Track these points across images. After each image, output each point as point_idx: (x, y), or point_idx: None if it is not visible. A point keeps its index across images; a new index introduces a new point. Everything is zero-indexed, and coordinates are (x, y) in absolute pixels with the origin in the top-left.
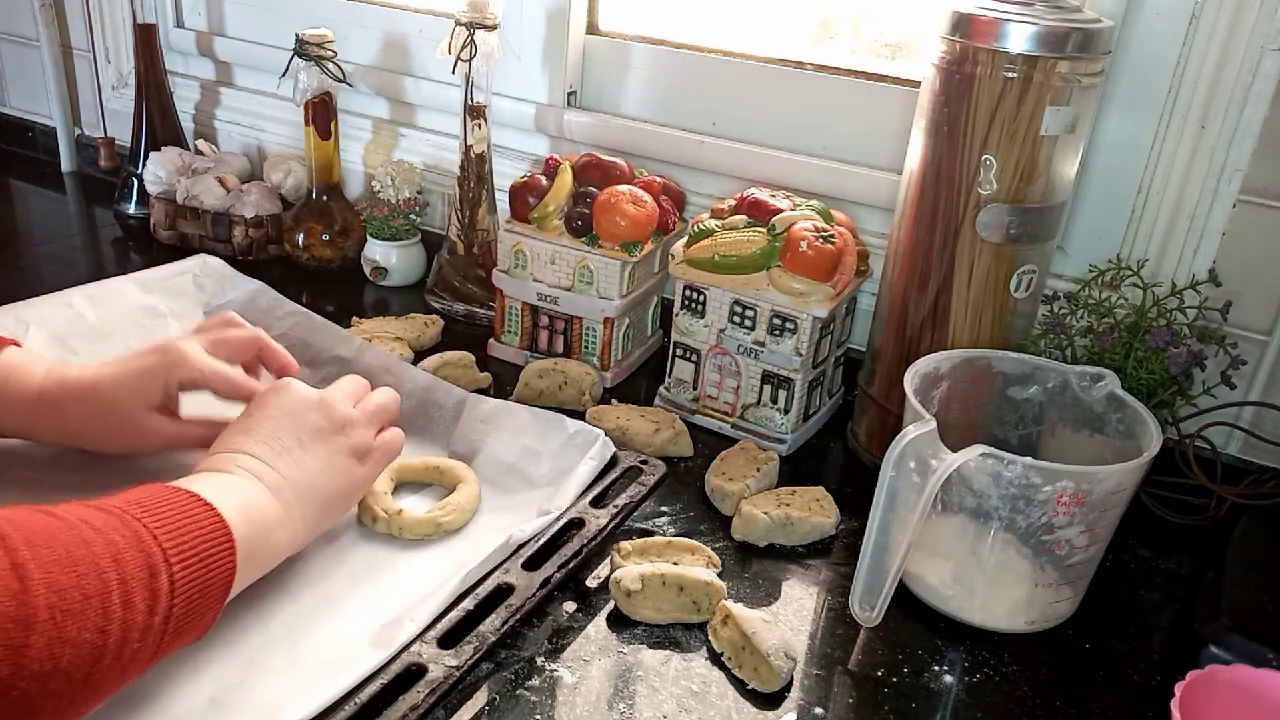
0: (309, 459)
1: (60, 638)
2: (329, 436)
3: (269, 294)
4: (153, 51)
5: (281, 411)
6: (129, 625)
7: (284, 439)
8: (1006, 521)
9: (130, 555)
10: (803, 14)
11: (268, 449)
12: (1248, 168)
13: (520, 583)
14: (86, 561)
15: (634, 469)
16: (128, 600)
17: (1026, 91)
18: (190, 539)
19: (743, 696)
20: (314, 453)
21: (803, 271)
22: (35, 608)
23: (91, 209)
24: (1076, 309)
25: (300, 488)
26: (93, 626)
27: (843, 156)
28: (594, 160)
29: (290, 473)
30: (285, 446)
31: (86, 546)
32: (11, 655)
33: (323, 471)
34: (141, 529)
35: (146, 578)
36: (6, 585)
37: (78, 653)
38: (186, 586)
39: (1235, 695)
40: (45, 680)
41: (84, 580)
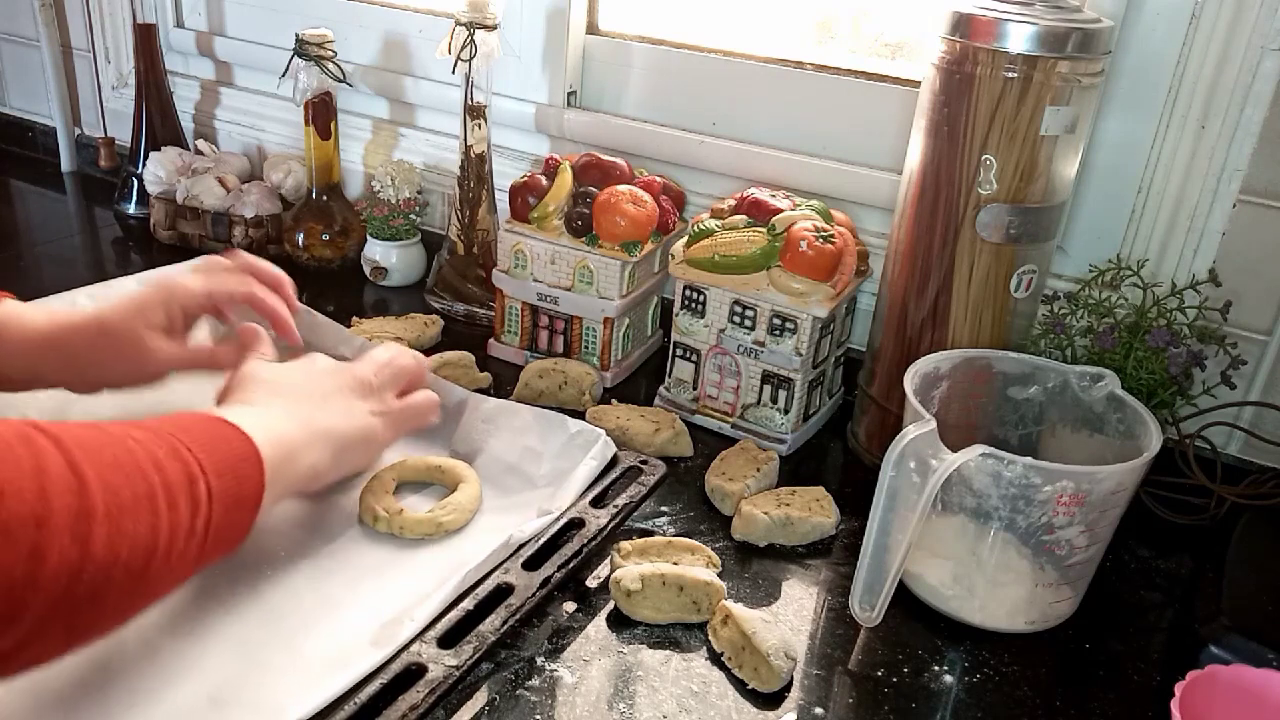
0: (328, 404)
1: (119, 531)
2: (346, 392)
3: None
4: (153, 51)
5: (300, 373)
6: (175, 526)
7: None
8: (1006, 521)
9: (170, 464)
10: (803, 14)
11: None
12: (1248, 168)
13: (520, 583)
14: (131, 466)
15: (634, 469)
16: (172, 503)
17: (1026, 91)
18: (221, 454)
19: (743, 696)
20: (333, 400)
21: (803, 271)
22: (93, 503)
23: (91, 209)
24: (1076, 309)
25: (319, 423)
26: (145, 524)
27: (843, 156)
28: (594, 160)
29: (310, 412)
30: (306, 394)
31: (131, 455)
32: (79, 544)
33: (341, 415)
34: (178, 443)
35: (187, 484)
36: (67, 481)
37: (134, 546)
38: (222, 496)
39: (1235, 695)
40: (109, 570)
41: (132, 481)
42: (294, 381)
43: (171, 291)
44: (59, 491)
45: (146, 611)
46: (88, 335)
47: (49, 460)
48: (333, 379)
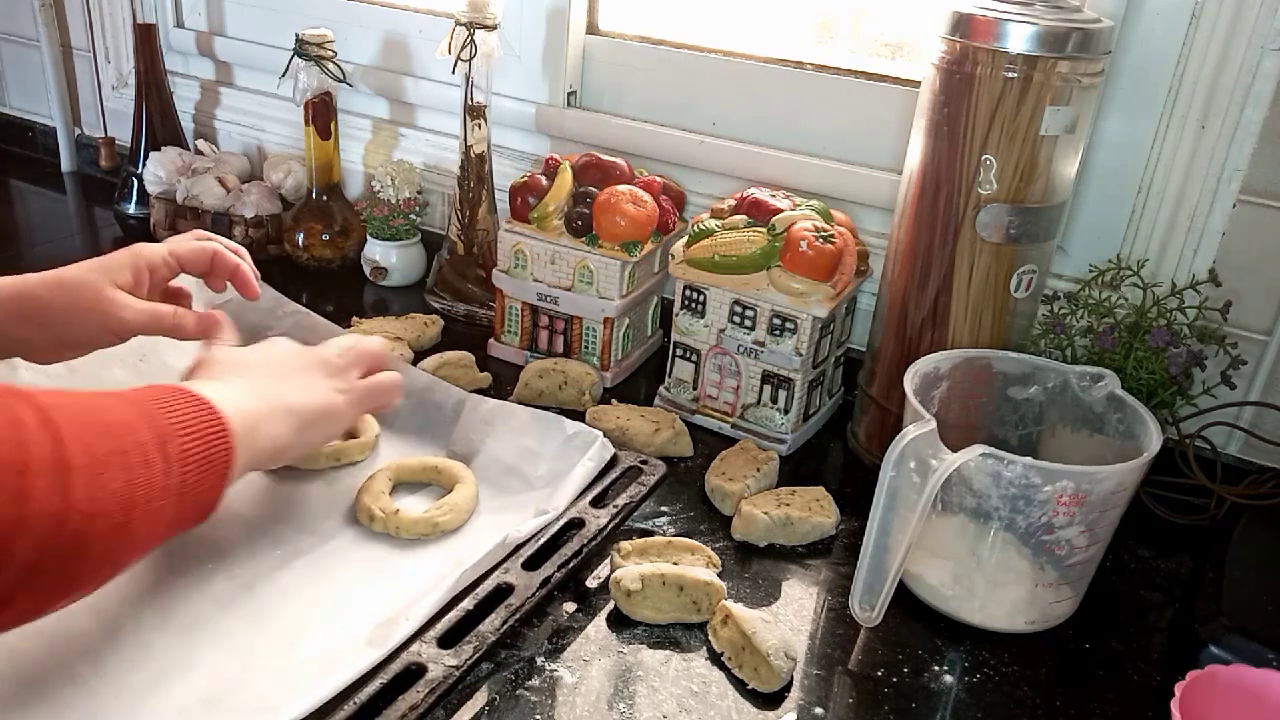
0: (289, 380)
1: (97, 483)
2: (309, 368)
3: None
4: (153, 51)
5: (261, 354)
6: (152, 481)
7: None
8: (1006, 521)
9: (141, 424)
10: (803, 14)
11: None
12: (1248, 168)
13: (520, 582)
14: (104, 425)
15: (634, 469)
16: (147, 459)
17: (1026, 91)
18: (190, 419)
19: (743, 696)
20: (294, 376)
21: (803, 271)
22: (70, 453)
23: (91, 209)
24: (1076, 309)
25: (280, 398)
26: (121, 479)
27: (843, 156)
28: (594, 160)
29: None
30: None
31: (103, 413)
32: (60, 493)
33: (301, 390)
34: (146, 406)
35: (158, 443)
36: (44, 432)
37: (114, 498)
38: (195, 457)
39: (1235, 695)
40: (91, 520)
41: (105, 438)
42: (254, 360)
43: (136, 251)
44: (37, 441)
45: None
46: (46, 289)
47: (24, 413)
48: (295, 358)
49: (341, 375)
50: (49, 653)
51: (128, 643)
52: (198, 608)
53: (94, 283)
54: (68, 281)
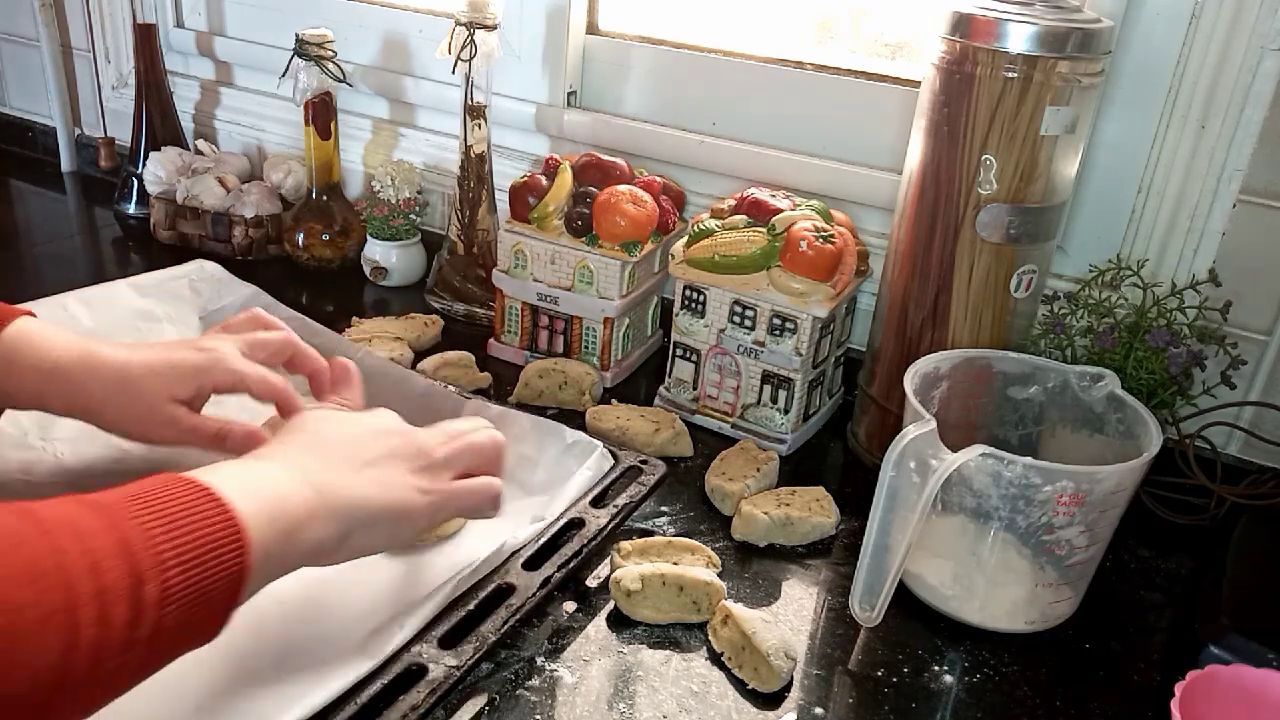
0: (368, 470)
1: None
2: (398, 459)
3: (265, 299)
4: (153, 51)
5: (358, 427)
6: (105, 641)
7: (349, 449)
8: (1006, 521)
9: (112, 564)
10: (803, 14)
11: (323, 450)
12: (1248, 168)
13: (520, 583)
14: (53, 574)
15: (634, 469)
16: (103, 615)
17: (1026, 91)
18: (190, 540)
19: (743, 696)
20: (373, 466)
21: (803, 271)
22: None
23: (91, 209)
24: (1076, 309)
25: (345, 491)
26: (54, 647)
27: (843, 156)
28: (594, 160)
29: (339, 474)
30: (346, 455)
31: (59, 555)
32: None
33: (377, 483)
34: (133, 530)
35: (129, 587)
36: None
37: (33, 677)
38: (182, 594)
39: (1235, 695)
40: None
41: (48, 595)
42: (337, 436)
43: (210, 369)
44: None
45: None
46: (108, 381)
47: None
48: (384, 441)
49: (433, 471)
50: None
51: None
52: None
53: (156, 397)
54: (132, 383)
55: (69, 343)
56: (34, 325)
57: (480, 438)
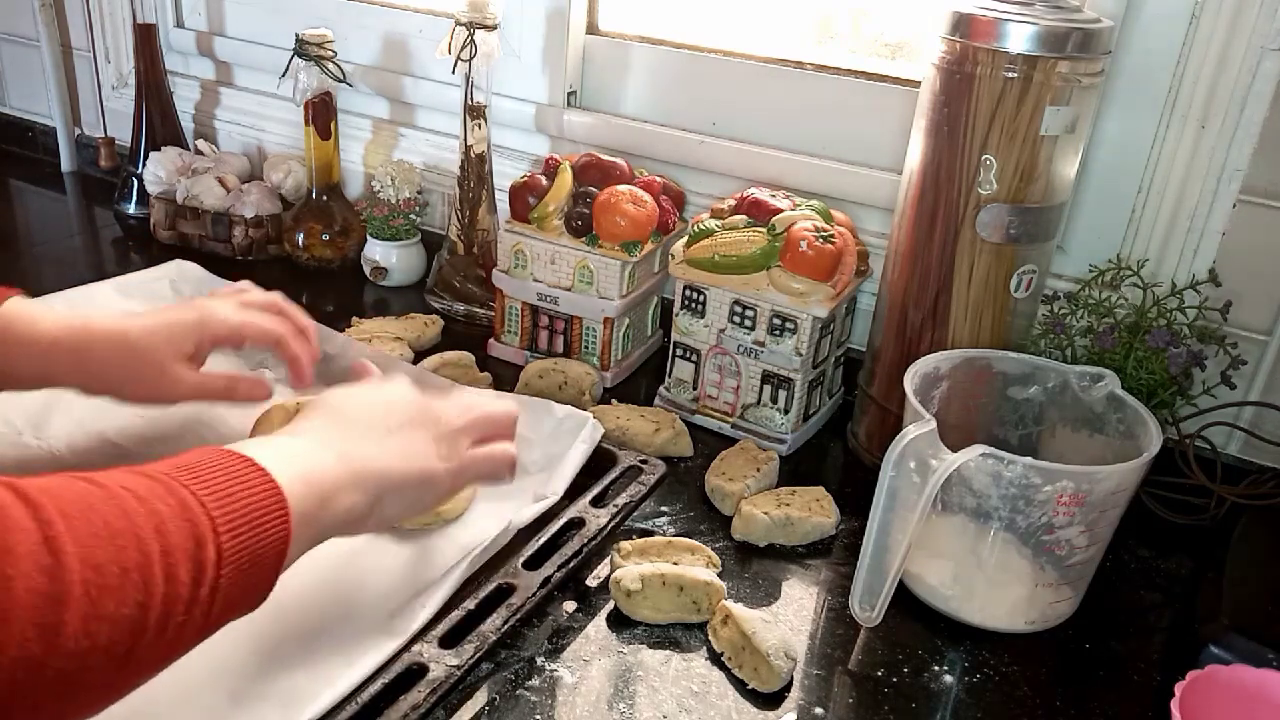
0: (389, 440)
1: (96, 614)
2: (416, 426)
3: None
4: (153, 51)
5: (375, 397)
6: (172, 599)
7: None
8: (1006, 521)
9: (175, 525)
10: (803, 14)
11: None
12: (1248, 168)
13: (520, 582)
14: (127, 533)
15: (634, 469)
16: (170, 573)
17: (1026, 91)
18: (240, 507)
19: (743, 696)
20: (396, 435)
21: (803, 271)
22: (70, 583)
23: (91, 209)
24: (1076, 309)
25: (371, 461)
26: (132, 601)
27: (843, 156)
28: (594, 160)
29: (363, 444)
30: (368, 425)
31: (128, 517)
32: (45, 633)
33: (400, 453)
34: (189, 496)
35: (192, 548)
36: (39, 561)
37: (116, 629)
38: (236, 556)
39: (1235, 695)
40: (82, 658)
41: (123, 553)
42: (357, 409)
43: (205, 321)
44: (26, 572)
45: None
46: (109, 347)
47: (16, 535)
48: (402, 410)
49: (452, 439)
50: None
51: None
52: None
53: (158, 356)
54: (131, 344)
55: (62, 317)
56: (25, 304)
57: (494, 407)
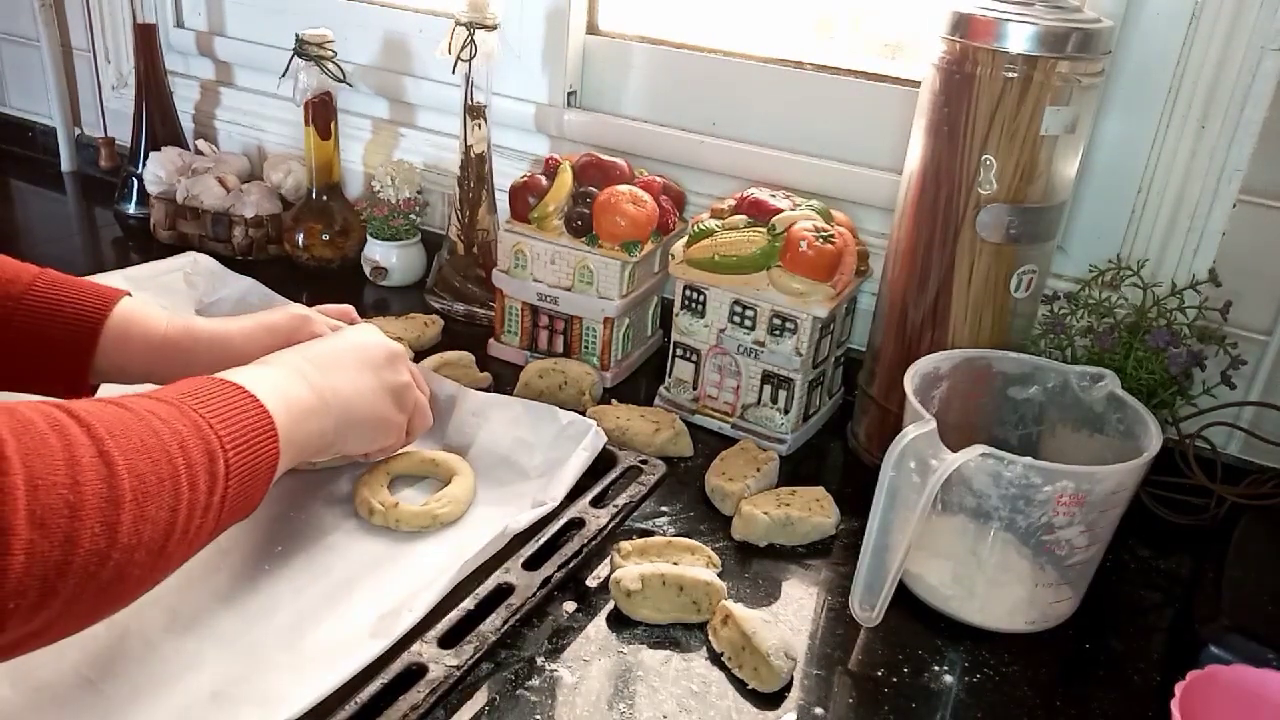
0: (358, 379)
1: (143, 515)
2: (383, 374)
3: (260, 291)
4: (153, 51)
5: (352, 339)
6: (194, 504)
7: (343, 358)
8: (1006, 521)
9: (193, 443)
10: (802, 14)
11: (320, 359)
12: (1248, 168)
13: (520, 582)
14: (158, 449)
15: (634, 469)
16: (193, 482)
17: (1026, 91)
18: (239, 427)
19: (743, 696)
20: (366, 378)
21: (803, 271)
22: (122, 489)
23: (91, 209)
24: (1076, 309)
25: (340, 395)
26: (167, 506)
27: (843, 156)
28: (594, 160)
29: (334, 379)
30: (341, 363)
31: (156, 435)
32: (108, 530)
33: (365, 393)
34: (199, 418)
35: (207, 462)
36: (98, 470)
37: (155, 528)
38: (240, 470)
39: (1235, 695)
40: (132, 551)
41: (157, 465)
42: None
43: (300, 329)
44: (90, 479)
45: None
46: (212, 348)
47: (80, 449)
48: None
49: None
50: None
51: (134, 642)
52: (202, 605)
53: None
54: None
55: (171, 318)
56: (137, 304)
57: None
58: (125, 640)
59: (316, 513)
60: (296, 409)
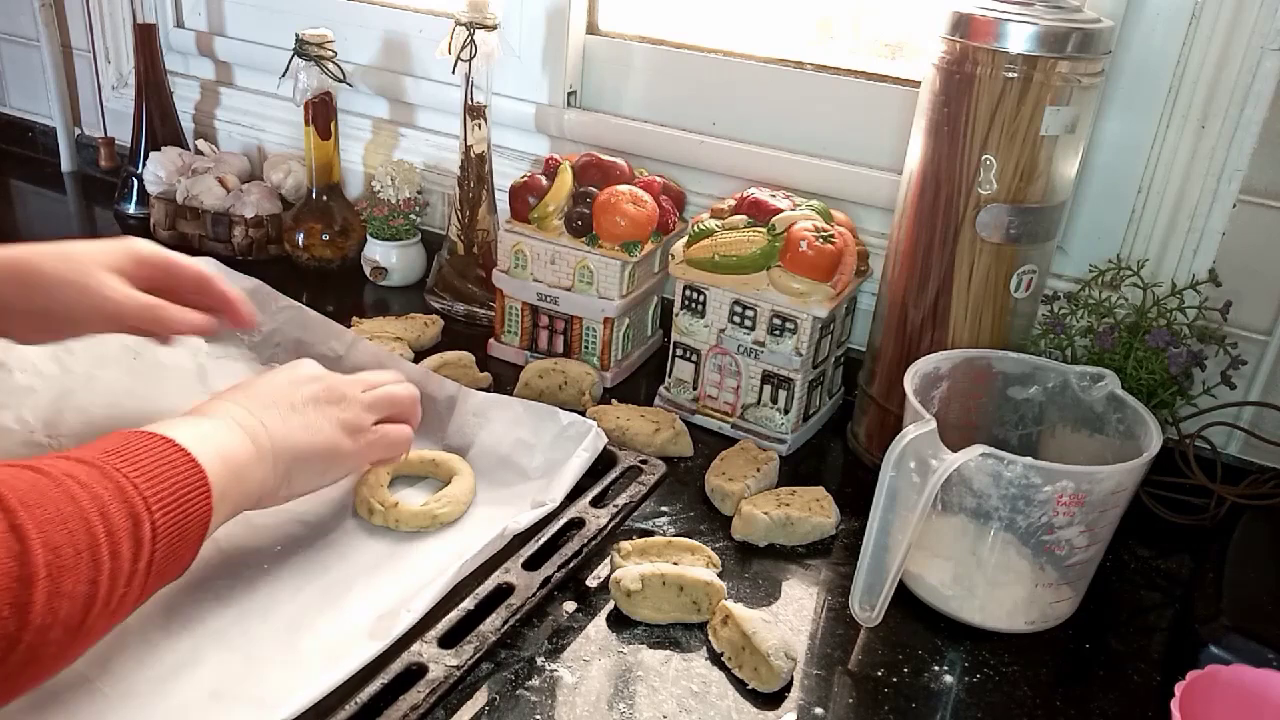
0: (295, 417)
1: (58, 591)
2: (322, 404)
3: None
4: (153, 51)
5: (281, 377)
6: (117, 573)
7: (275, 397)
8: (1006, 521)
9: (115, 507)
10: (803, 14)
11: (254, 402)
12: (1248, 168)
13: (520, 582)
14: (76, 518)
15: (634, 469)
16: (115, 550)
17: (1026, 91)
18: (168, 486)
19: (743, 696)
20: (302, 413)
21: (803, 271)
22: (35, 566)
23: (91, 209)
24: (1076, 309)
25: (278, 437)
26: (85, 579)
27: (843, 156)
28: (594, 160)
29: (270, 422)
30: (274, 402)
31: (75, 503)
32: (18, 612)
33: (305, 428)
34: (123, 480)
35: (131, 527)
36: (9, 547)
37: (73, 604)
38: (167, 532)
39: (1235, 695)
40: (46, 631)
41: (75, 536)
42: (264, 389)
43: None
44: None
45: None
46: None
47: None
48: (307, 388)
49: (357, 417)
50: None
51: (133, 642)
52: (200, 604)
53: (89, 258)
54: (66, 252)
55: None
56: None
57: (396, 390)
58: (123, 639)
59: (316, 512)
60: (233, 459)
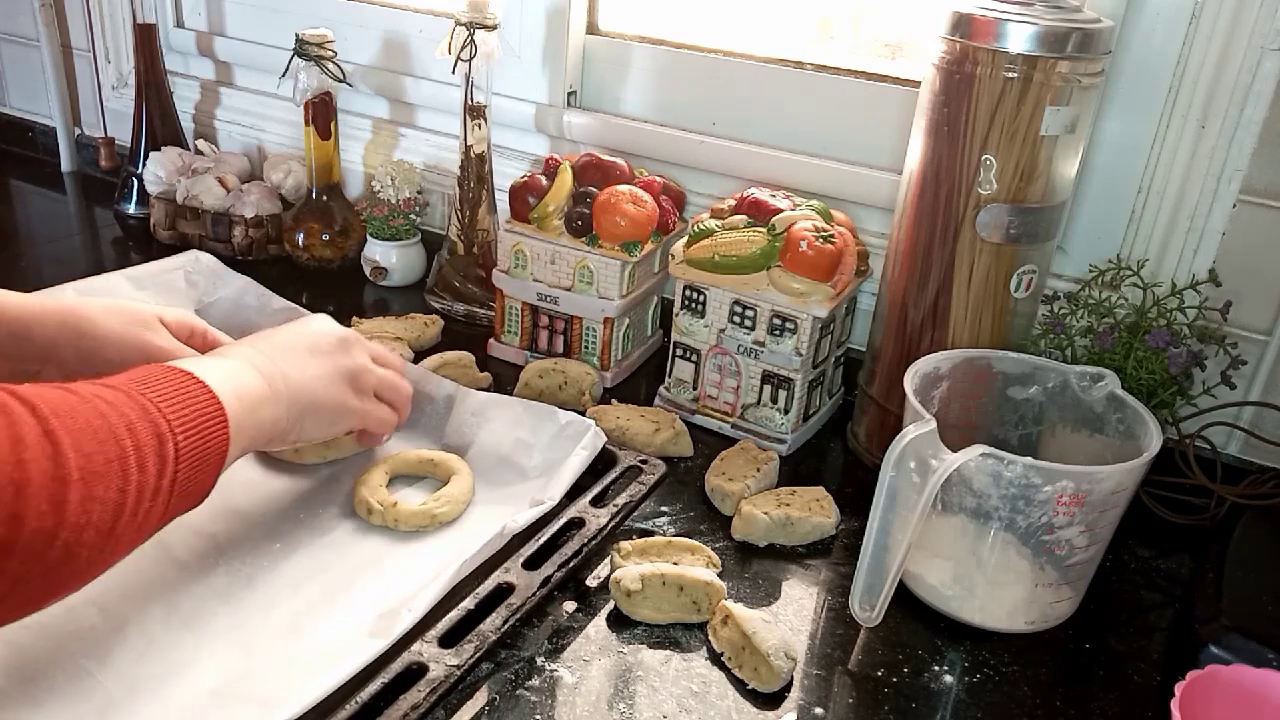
0: (310, 366)
1: (90, 495)
2: (337, 359)
3: (258, 290)
4: (153, 51)
5: (303, 328)
6: (143, 486)
7: (294, 346)
8: (1006, 521)
9: (141, 426)
10: (803, 14)
11: (272, 348)
12: (1248, 168)
13: (520, 582)
14: (105, 430)
15: (634, 469)
16: (142, 464)
17: (1026, 91)
18: (189, 412)
19: (743, 696)
20: (318, 364)
21: (803, 271)
22: (69, 468)
23: (91, 209)
24: (1076, 309)
25: (293, 383)
26: (115, 486)
27: (843, 156)
28: (594, 160)
29: (285, 367)
30: (293, 351)
31: (103, 417)
32: (55, 509)
33: (318, 379)
34: (147, 403)
35: (156, 445)
36: (44, 449)
37: (104, 509)
38: (189, 454)
39: (1235, 695)
40: (80, 532)
41: (104, 446)
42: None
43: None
44: (35, 458)
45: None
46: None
47: (25, 428)
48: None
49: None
50: (56, 649)
51: (134, 637)
52: (200, 602)
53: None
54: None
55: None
56: None
57: (402, 381)
58: (124, 635)
59: (315, 511)
60: (248, 397)
